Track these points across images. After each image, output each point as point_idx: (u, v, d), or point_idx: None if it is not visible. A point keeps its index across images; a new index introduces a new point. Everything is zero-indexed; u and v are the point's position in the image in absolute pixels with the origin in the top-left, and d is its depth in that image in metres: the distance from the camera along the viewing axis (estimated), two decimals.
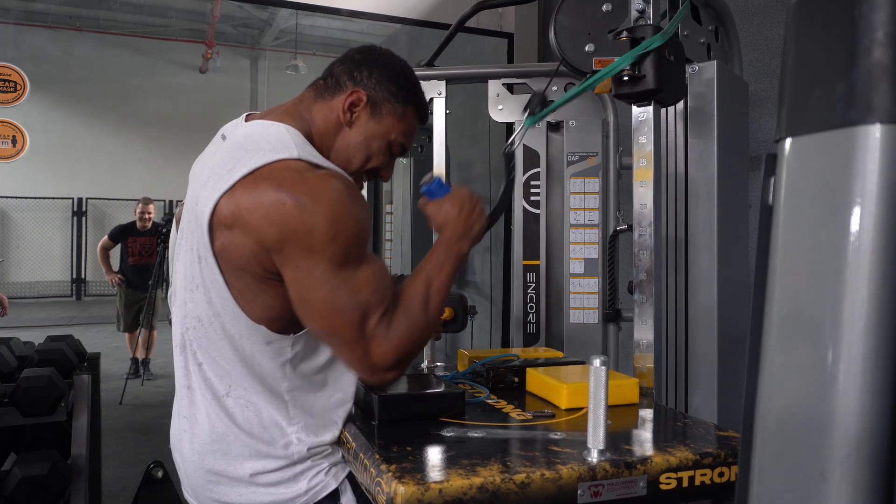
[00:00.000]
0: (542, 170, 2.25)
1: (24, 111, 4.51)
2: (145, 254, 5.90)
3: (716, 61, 1.64)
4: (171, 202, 11.10)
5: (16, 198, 10.73)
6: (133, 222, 5.95)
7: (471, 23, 2.13)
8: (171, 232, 5.20)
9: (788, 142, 0.54)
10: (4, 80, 4.32)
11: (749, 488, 0.56)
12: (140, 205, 5.95)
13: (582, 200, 2.14)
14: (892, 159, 0.48)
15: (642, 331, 1.44)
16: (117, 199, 11.04)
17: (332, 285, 1.04)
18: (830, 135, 0.51)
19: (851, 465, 0.48)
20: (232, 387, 1.13)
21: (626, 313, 2.05)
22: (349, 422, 1.19)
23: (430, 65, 2.18)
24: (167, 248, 5.53)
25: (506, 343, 3.52)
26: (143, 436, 4.48)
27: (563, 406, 1.28)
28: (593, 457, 0.99)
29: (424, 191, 1.26)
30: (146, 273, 5.80)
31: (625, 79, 1.33)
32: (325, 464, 1.16)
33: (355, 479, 1.16)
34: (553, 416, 1.24)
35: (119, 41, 10.92)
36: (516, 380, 1.47)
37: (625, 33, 1.35)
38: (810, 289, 0.51)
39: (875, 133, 0.48)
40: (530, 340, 2.25)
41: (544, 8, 3.83)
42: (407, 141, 1.26)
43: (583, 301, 2.13)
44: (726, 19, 1.87)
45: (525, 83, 2.20)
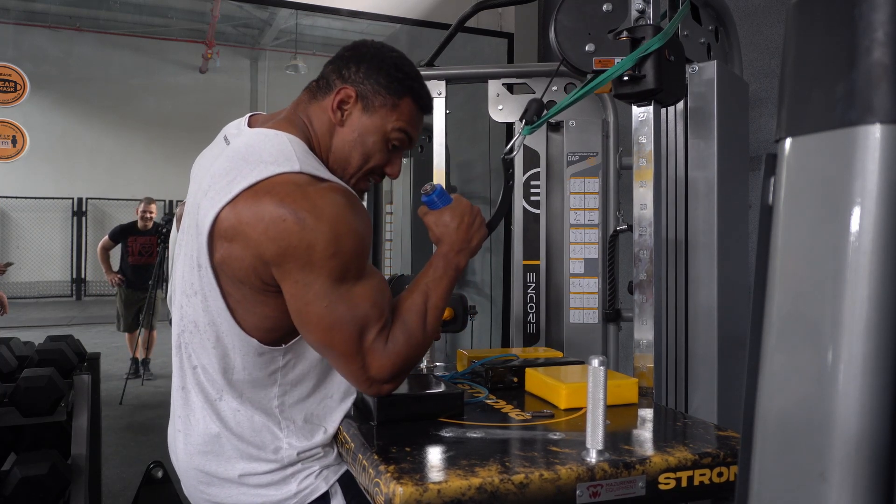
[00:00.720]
0: (542, 170, 2.25)
1: (24, 111, 4.51)
2: (145, 253, 5.90)
3: (716, 61, 1.64)
4: (171, 202, 11.11)
5: (16, 198, 10.74)
6: (134, 222, 5.96)
7: (471, 23, 2.13)
8: (172, 232, 5.21)
9: (788, 142, 0.54)
10: (4, 80, 4.33)
11: (749, 488, 0.56)
12: (142, 204, 5.95)
13: (582, 200, 2.14)
14: (892, 159, 0.48)
15: (642, 331, 1.44)
16: (117, 199, 11.05)
17: (330, 299, 1.04)
18: (830, 135, 0.50)
19: (851, 465, 0.48)
20: (223, 392, 1.14)
21: (626, 313, 2.05)
22: (348, 422, 1.19)
23: (430, 65, 2.18)
24: (167, 248, 5.54)
25: (506, 343, 3.52)
26: (143, 436, 4.48)
27: (563, 406, 1.28)
28: (592, 457, 0.99)
29: (425, 200, 1.25)
30: (146, 273, 5.80)
31: (625, 79, 1.33)
32: (315, 466, 1.16)
33: (348, 481, 1.17)
34: (552, 416, 1.23)
35: (119, 41, 10.93)
36: (515, 380, 1.47)
37: (625, 33, 1.35)
38: (810, 289, 0.51)
39: (875, 133, 0.48)
40: (530, 340, 2.25)
41: (544, 8, 3.83)
42: (412, 131, 1.22)
43: (583, 301, 2.13)
44: (726, 19, 1.87)
45: (525, 83, 2.20)
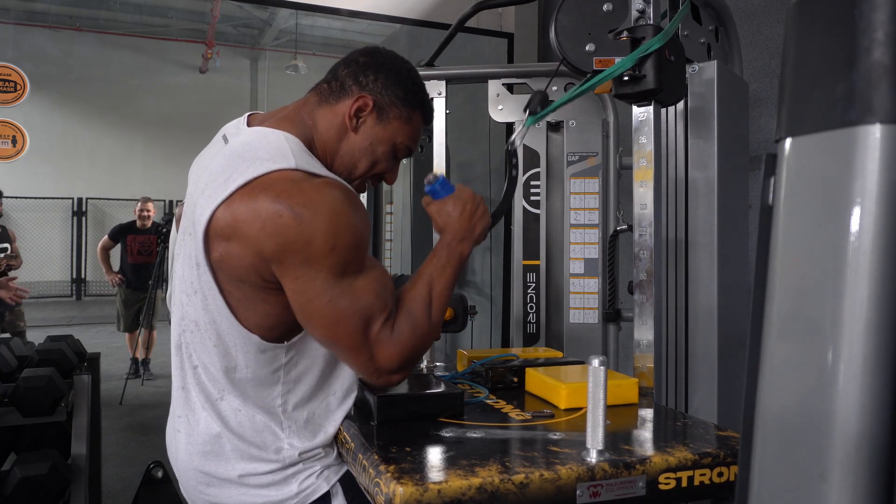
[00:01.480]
0: (542, 170, 2.25)
1: (24, 111, 4.51)
2: (144, 253, 5.90)
3: (716, 61, 1.64)
4: (171, 202, 11.11)
5: (16, 198, 10.73)
6: (133, 221, 5.97)
7: (471, 23, 2.13)
8: (172, 231, 5.21)
9: (788, 142, 0.54)
10: (4, 80, 4.33)
11: (749, 488, 0.56)
12: (140, 203, 5.97)
13: (582, 200, 2.14)
14: (892, 159, 0.48)
15: (642, 331, 1.44)
16: (117, 199, 11.04)
17: (333, 294, 1.04)
18: (830, 135, 0.50)
19: (851, 465, 0.48)
20: (225, 392, 1.13)
21: (626, 313, 2.05)
22: (348, 422, 1.19)
23: (430, 65, 2.18)
24: (167, 248, 5.54)
25: (506, 343, 3.52)
26: (143, 436, 4.48)
27: (563, 406, 1.28)
28: (592, 457, 0.99)
29: (428, 190, 1.26)
30: (145, 272, 5.80)
31: (625, 79, 1.33)
32: (316, 466, 1.16)
33: (349, 481, 1.16)
34: (552, 416, 1.23)
35: (119, 41, 10.93)
36: (515, 380, 1.47)
37: (625, 33, 1.35)
38: (810, 289, 0.51)
39: (875, 133, 0.48)
40: (530, 340, 2.25)
41: (544, 8, 3.83)
42: (413, 144, 1.25)
43: (583, 301, 2.13)
44: (726, 19, 1.87)
45: (525, 83, 2.20)
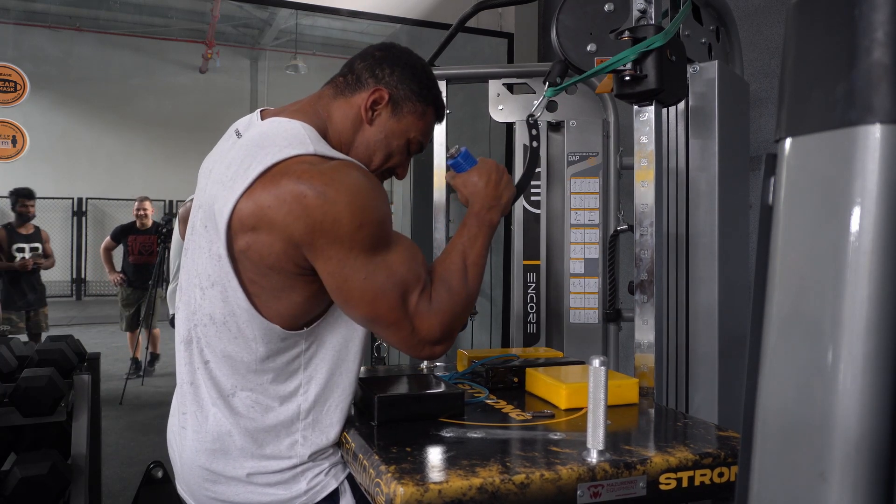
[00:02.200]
0: (542, 170, 2.25)
1: (24, 111, 4.51)
2: (145, 252, 5.94)
3: (717, 61, 1.64)
4: (171, 202, 11.11)
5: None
6: (133, 222, 6.00)
7: (471, 23, 2.13)
8: (175, 230, 5.21)
9: (788, 142, 0.54)
10: (4, 80, 4.33)
11: (749, 488, 0.56)
12: (137, 202, 6.01)
13: (582, 200, 2.14)
14: (892, 159, 0.48)
15: (643, 331, 1.44)
16: (117, 199, 11.05)
17: (367, 271, 1.05)
18: (830, 135, 0.50)
19: (851, 465, 0.48)
20: (239, 386, 1.13)
21: (626, 313, 2.05)
22: (348, 422, 1.19)
23: (430, 65, 2.17)
24: (167, 248, 5.54)
25: (506, 343, 3.52)
26: (143, 436, 4.48)
27: (563, 406, 1.28)
28: (593, 457, 0.99)
29: (451, 163, 1.27)
30: (146, 272, 5.84)
31: (626, 79, 1.33)
32: (325, 464, 1.16)
33: (356, 480, 1.16)
34: (553, 416, 1.23)
35: (119, 41, 10.93)
36: (516, 380, 1.47)
37: (626, 33, 1.35)
38: (810, 289, 0.51)
39: (875, 133, 0.48)
40: (530, 340, 2.25)
41: (544, 8, 3.83)
42: (425, 140, 1.27)
43: (583, 301, 2.13)
44: (727, 19, 1.87)
45: (525, 83, 2.20)
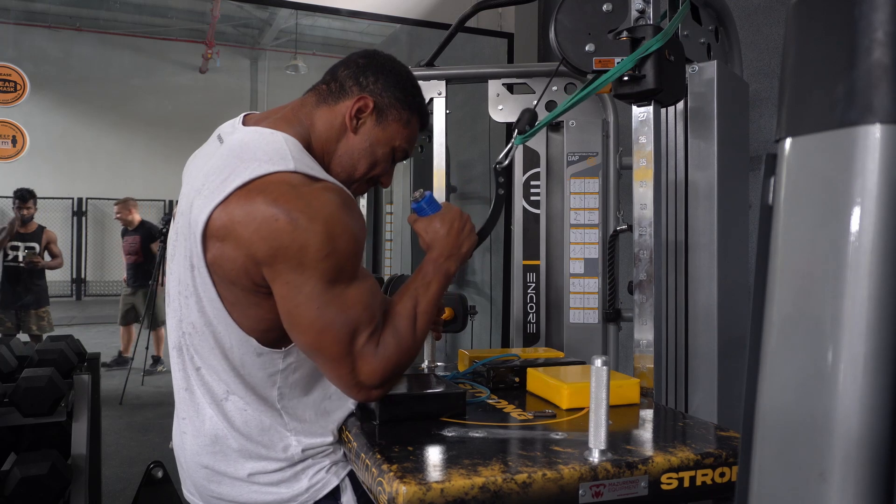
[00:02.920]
0: (542, 170, 2.25)
1: (24, 111, 4.52)
2: (132, 253, 6.10)
3: (716, 61, 1.64)
4: (170, 202, 11.11)
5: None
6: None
7: (471, 23, 2.14)
8: (170, 232, 5.23)
9: (788, 142, 0.55)
10: (4, 80, 4.33)
11: (749, 488, 0.56)
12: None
13: (582, 200, 2.14)
14: (892, 159, 0.48)
15: (642, 331, 1.44)
16: (117, 199, 11.04)
17: (321, 302, 1.03)
18: (830, 135, 0.51)
19: (851, 465, 0.48)
20: (229, 391, 1.13)
21: (626, 313, 2.05)
22: (351, 421, 1.19)
23: (430, 65, 2.18)
24: (166, 248, 5.56)
25: (506, 343, 3.52)
26: (143, 436, 4.48)
27: (564, 406, 1.28)
28: (595, 457, 0.99)
29: (414, 207, 1.26)
30: (134, 271, 6.03)
31: (625, 79, 1.33)
32: (326, 462, 1.16)
33: (356, 477, 1.17)
34: (554, 416, 1.24)
35: (119, 41, 10.93)
36: (517, 380, 1.47)
37: (625, 33, 1.35)
38: (810, 289, 0.51)
39: (875, 133, 0.48)
40: (530, 340, 2.25)
41: (544, 8, 3.83)
42: (410, 148, 1.26)
43: (583, 301, 2.13)
44: (726, 19, 1.87)
45: (525, 83, 2.20)
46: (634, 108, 1.43)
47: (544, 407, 1.30)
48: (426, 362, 1.69)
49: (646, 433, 1.20)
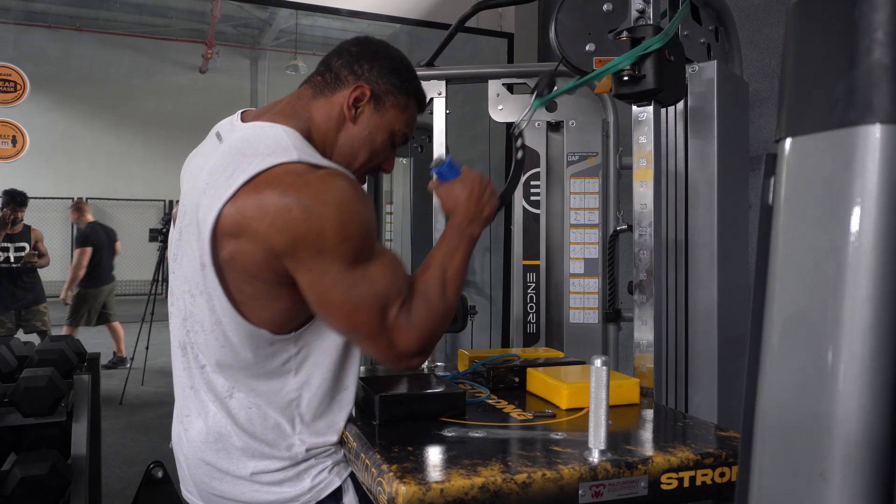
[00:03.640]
0: (542, 170, 2.25)
1: (24, 111, 4.52)
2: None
3: (716, 61, 1.64)
4: (170, 202, 11.12)
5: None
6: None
7: (471, 23, 2.13)
8: (171, 232, 5.22)
9: (788, 142, 0.55)
10: (4, 80, 4.33)
11: (749, 488, 0.56)
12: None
13: (582, 200, 2.14)
14: (892, 159, 0.48)
15: (642, 331, 1.44)
16: (117, 199, 11.06)
17: (348, 283, 1.04)
18: (830, 135, 0.51)
19: (851, 465, 0.48)
20: (235, 389, 1.13)
21: (626, 313, 2.05)
22: (350, 421, 1.19)
23: (430, 65, 2.18)
24: (167, 248, 5.55)
25: (506, 343, 3.52)
26: (143, 436, 4.48)
27: (564, 406, 1.28)
28: (594, 457, 0.99)
29: (435, 172, 1.27)
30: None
31: (625, 79, 1.33)
32: (328, 462, 1.16)
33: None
34: (554, 416, 1.24)
35: (119, 41, 10.93)
36: (517, 380, 1.47)
37: (625, 33, 1.35)
38: (810, 289, 0.51)
39: (875, 133, 0.48)
40: (530, 340, 2.25)
41: (544, 8, 3.83)
42: (409, 131, 1.26)
43: (583, 301, 2.13)
44: (726, 19, 1.87)
45: (525, 83, 2.20)
46: (634, 108, 1.43)
47: (544, 407, 1.30)
48: (426, 363, 1.69)
49: (646, 433, 1.20)
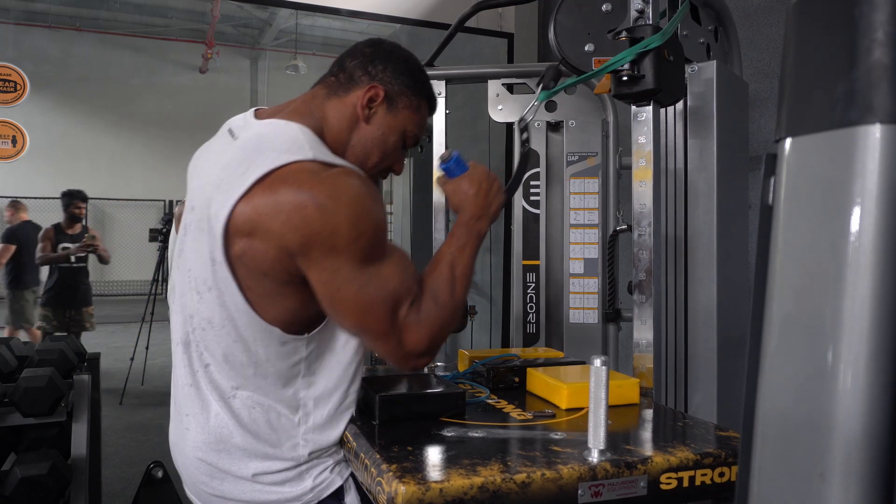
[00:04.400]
0: (541, 170, 2.25)
1: (24, 111, 4.51)
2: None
3: (715, 61, 1.64)
4: (170, 202, 11.11)
5: (16, 198, 10.72)
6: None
7: (471, 23, 2.13)
8: (171, 231, 5.22)
9: (788, 142, 0.54)
10: (4, 80, 4.33)
11: (749, 488, 0.56)
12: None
13: (582, 200, 2.14)
14: (892, 159, 0.48)
15: (642, 331, 1.44)
16: (117, 199, 11.05)
17: (360, 282, 1.05)
18: (830, 135, 0.51)
19: (851, 465, 0.48)
20: (240, 388, 1.13)
21: (625, 313, 2.05)
22: (350, 421, 1.19)
23: (430, 65, 2.17)
24: (167, 248, 5.55)
25: (506, 343, 3.52)
26: (143, 436, 4.48)
27: (564, 406, 1.28)
28: (594, 457, 0.99)
29: (443, 167, 1.27)
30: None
31: (624, 79, 1.33)
32: (329, 462, 1.17)
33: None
34: (553, 416, 1.24)
35: (119, 41, 10.92)
36: (517, 380, 1.47)
37: (624, 33, 1.35)
38: (810, 289, 0.51)
39: (875, 133, 0.48)
40: (530, 340, 2.25)
41: (544, 8, 3.83)
42: (420, 133, 1.27)
43: (583, 301, 2.13)
44: (726, 19, 1.87)
45: (525, 83, 2.20)
46: (633, 108, 1.43)
47: (544, 407, 1.30)
48: None
49: (645, 433, 1.20)
